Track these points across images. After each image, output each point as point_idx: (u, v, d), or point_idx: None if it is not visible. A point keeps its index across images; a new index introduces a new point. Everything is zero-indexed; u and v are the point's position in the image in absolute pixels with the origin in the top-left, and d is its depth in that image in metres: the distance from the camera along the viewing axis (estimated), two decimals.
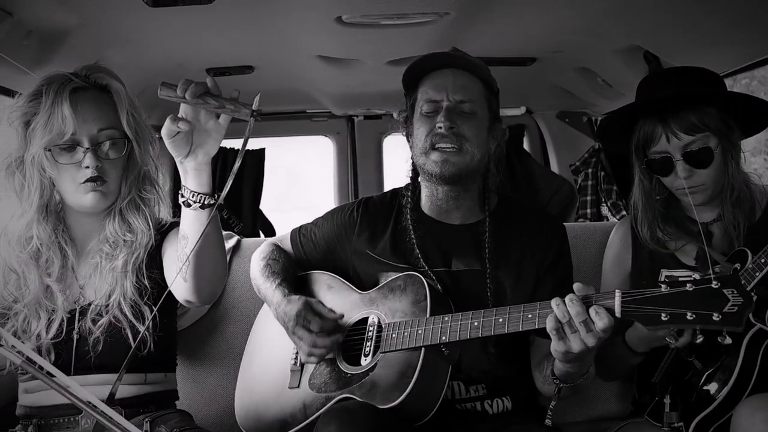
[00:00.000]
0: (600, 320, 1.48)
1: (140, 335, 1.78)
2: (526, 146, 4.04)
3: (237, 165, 1.43)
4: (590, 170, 3.67)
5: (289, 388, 1.94)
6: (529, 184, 3.82)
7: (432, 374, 1.74)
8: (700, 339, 1.45)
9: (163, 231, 1.90)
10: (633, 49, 2.45)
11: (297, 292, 2.00)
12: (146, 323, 1.79)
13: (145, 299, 1.81)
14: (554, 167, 3.90)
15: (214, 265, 1.68)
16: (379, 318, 1.89)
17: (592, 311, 1.49)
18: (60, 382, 1.16)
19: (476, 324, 1.68)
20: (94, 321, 1.79)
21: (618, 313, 1.48)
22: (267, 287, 2.04)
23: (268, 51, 2.60)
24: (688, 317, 1.41)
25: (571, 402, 2.06)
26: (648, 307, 1.45)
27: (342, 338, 1.90)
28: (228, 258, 2.41)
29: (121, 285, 1.80)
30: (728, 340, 1.40)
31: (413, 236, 1.97)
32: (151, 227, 1.85)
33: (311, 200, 6.78)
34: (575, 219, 3.70)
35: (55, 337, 1.78)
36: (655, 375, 1.91)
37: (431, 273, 1.91)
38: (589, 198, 3.67)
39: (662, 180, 1.96)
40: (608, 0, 2.09)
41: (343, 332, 1.91)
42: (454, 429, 1.82)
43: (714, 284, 1.41)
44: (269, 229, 4.08)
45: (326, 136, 4.11)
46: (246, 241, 2.55)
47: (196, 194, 1.55)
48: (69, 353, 1.80)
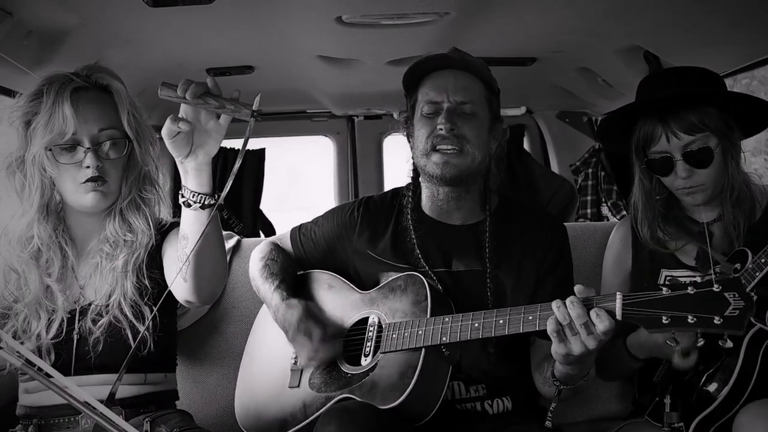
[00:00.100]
0: (601, 323, 1.47)
1: (140, 335, 1.78)
2: (527, 146, 4.04)
3: (237, 165, 1.43)
4: (590, 170, 3.67)
5: (289, 388, 1.94)
6: (530, 184, 3.81)
7: (432, 375, 1.73)
8: (701, 342, 1.44)
9: (164, 231, 1.90)
10: (633, 49, 2.45)
11: (297, 293, 2.00)
12: (146, 323, 1.79)
13: (146, 299, 1.81)
14: (554, 167, 3.90)
15: (214, 265, 1.68)
16: (380, 318, 1.88)
17: (593, 314, 1.48)
18: (58, 383, 1.16)
19: (477, 325, 1.68)
20: (95, 321, 1.79)
21: (619, 316, 1.48)
22: (266, 289, 2.04)
23: (269, 51, 2.60)
24: (690, 320, 1.40)
25: (572, 402, 2.06)
26: (649, 310, 1.44)
27: (342, 343, 1.90)
28: (228, 258, 2.40)
29: (122, 285, 1.80)
30: (729, 344, 1.40)
31: (414, 236, 1.97)
32: (152, 227, 1.85)
33: (311, 200, 6.77)
34: (575, 219, 3.69)
35: (55, 337, 1.78)
36: (656, 375, 1.91)
37: (432, 273, 1.91)
38: (590, 198, 3.67)
39: (662, 180, 1.96)
40: (608, 0, 2.09)
41: (343, 336, 1.91)
42: (454, 429, 1.82)
43: (715, 287, 1.41)
44: (269, 229, 4.08)
45: (326, 136, 4.10)
46: (246, 241, 2.55)
47: (197, 194, 1.55)
48: (69, 353, 1.80)
